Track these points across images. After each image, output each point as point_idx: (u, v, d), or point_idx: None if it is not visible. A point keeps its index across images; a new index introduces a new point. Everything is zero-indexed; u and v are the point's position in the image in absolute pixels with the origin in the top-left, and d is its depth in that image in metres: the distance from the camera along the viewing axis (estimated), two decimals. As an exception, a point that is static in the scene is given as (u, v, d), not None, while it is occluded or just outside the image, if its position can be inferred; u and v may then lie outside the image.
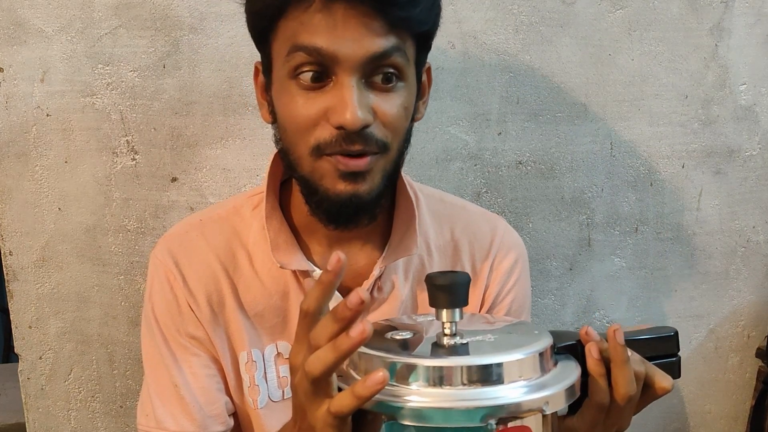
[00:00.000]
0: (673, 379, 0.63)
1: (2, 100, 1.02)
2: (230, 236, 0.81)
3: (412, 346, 0.55)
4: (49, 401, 1.11)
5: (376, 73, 0.68)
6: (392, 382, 0.51)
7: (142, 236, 1.06)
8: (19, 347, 1.09)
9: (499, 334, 0.58)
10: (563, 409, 0.55)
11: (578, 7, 1.08)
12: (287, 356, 0.77)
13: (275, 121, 0.75)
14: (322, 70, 0.67)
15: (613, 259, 1.18)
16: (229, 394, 0.80)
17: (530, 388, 0.51)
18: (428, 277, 0.55)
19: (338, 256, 0.52)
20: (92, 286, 1.07)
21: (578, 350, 0.60)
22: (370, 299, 0.80)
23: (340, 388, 0.53)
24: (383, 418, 0.51)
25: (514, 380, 0.51)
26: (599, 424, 0.62)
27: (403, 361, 0.52)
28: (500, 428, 0.50)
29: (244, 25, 0.74)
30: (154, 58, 1.02)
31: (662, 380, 0.62)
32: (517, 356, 0.52)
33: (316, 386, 0.53)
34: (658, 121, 1.14)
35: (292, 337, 0.60)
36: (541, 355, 0.54)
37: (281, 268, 0.77)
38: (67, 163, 1.04)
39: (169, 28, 1.01)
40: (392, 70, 0.69)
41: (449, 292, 0.54)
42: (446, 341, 0.54)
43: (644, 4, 1.10)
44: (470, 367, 0.51)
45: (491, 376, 0.51)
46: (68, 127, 1.03)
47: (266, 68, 0.74)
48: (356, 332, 0.49)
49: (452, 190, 1.08)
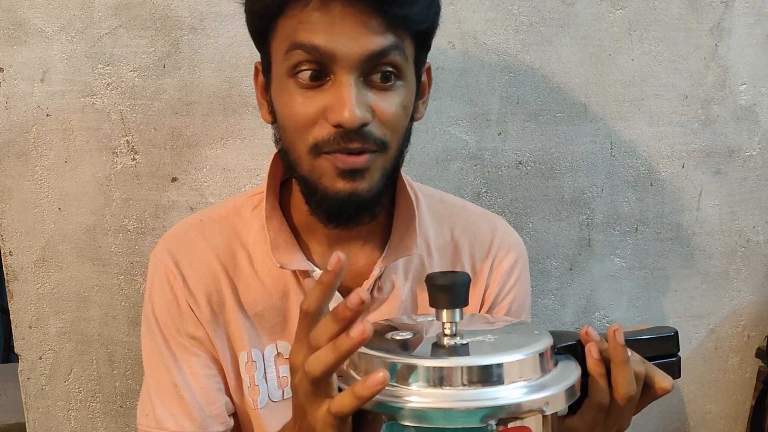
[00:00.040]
0: (673, 379, 0.64)
1: (2, 100, 1.02)
2: (230, 236, 0.81)
3: (412, 346, 0.55)
4: (49, 401, 1.10)
5: (374, 71, 0.68)
6: (392, 382, 0.51)
7: (142, 236, 1.06)
8: (19, 347, 1.09)
9: (499, 334, 0.58)
10: (563, 409, 0.55)
11: (578, 7, 1.08)
12: (287, 356, 0.77)
13: (275, 120, 0.75)
14: (320, 68, 0.67)
15: (613, 259, 1.18)
16: (229, 394, 0.80)
17: (530, 388, 0.51)
18: (428, 277, 0.55)
19: (338, 256, 0.52)
20: (92, 286, 1.07)
21: (578, 350, 0.60)
22: (370, 299, 0.79)
23: (340, 388, 0.53)
24: (383, 418, 0.51)
25: (514, 381, 0.51)
26: (599, 424, 0.62)
27: (403, 361, 0.52)
28: (500, 429, 0.50)
29: (244, 25, 0.74)
30: (154, 58, 1.02)
31: (662, 380, 0.63)
32: (517, 357, 0.52)
33: (316, 386, 0.53)
34: (658, 121, 1.14)
35: (292, 337, 0.60)
36: (541, 355, 0.54)
37: (281, 268, 0.77)
38: (67, 163, 1.04)
39: (169, 28, 1.01)
40: (391, 68, 0.69)
41: (449, 292, 0.54)
42: (446, 341, 0.54)
43: (644, 4, 1.10)
44: (470, 367, 0.51)
45: (491, 376, 0.51)
46: (68, 127, 1.03)
47: (266, 68, 0.74)
48: (356, 332, 0.49)
49: (452, 190, 1.08)
